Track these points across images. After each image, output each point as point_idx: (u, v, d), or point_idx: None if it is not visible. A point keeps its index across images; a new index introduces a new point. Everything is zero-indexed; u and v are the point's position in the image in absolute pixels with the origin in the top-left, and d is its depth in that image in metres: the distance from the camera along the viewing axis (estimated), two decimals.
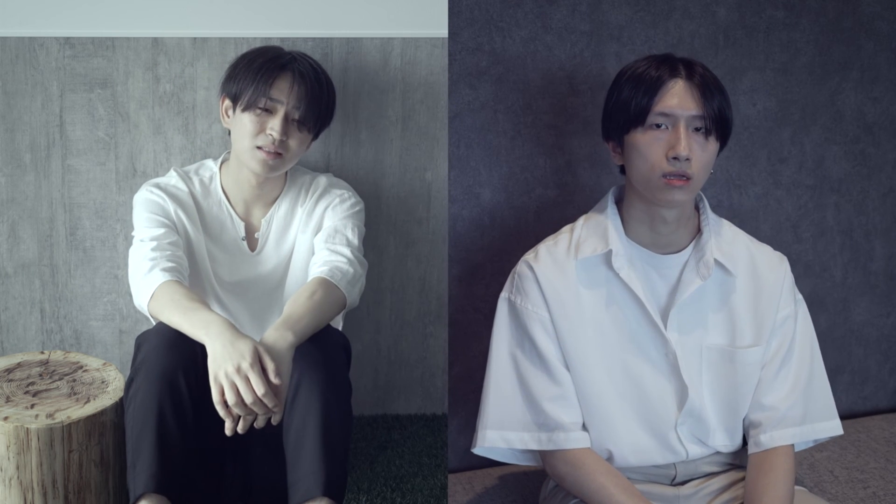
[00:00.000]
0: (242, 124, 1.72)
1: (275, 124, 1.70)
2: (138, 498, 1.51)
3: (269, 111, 1.71)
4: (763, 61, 2.13)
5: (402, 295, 2.13)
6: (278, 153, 1.72)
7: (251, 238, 1.84)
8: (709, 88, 1.50)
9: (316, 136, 1.81)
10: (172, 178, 1.82)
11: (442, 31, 1.91)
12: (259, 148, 1.71)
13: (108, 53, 1.91)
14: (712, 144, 1.51)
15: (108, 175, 1.97)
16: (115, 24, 1.89)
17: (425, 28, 1.96)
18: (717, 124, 1.50)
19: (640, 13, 2.01)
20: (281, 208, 1.84)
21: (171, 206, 1.77)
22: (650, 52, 2.02)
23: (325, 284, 1.67)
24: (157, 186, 1.79)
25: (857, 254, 2.32)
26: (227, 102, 1.76)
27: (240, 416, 1.51)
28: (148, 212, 1.76)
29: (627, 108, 1.52)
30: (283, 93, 1.71)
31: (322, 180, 1.86)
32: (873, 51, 2.22)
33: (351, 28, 1.95)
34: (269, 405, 1.49)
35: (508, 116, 1.98)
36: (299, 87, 1.71)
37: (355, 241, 1.78)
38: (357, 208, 1.84)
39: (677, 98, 1.49)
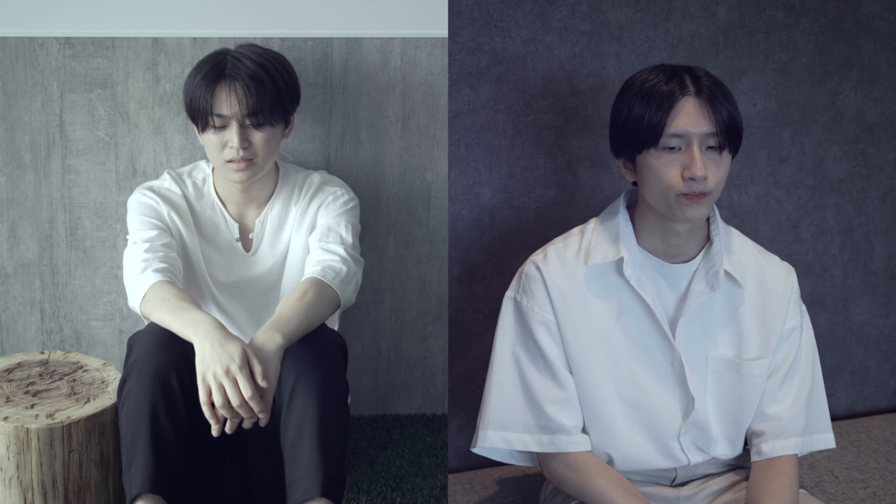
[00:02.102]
0: (207, 143, 1.73)
1: (231, 137, 1.69)
2: (134, 498, 1.51)
3: (223, 126, 1.70)
4: (763, 61, 2.13)
5: (402, 295, 2.13)
6: (248, 160, 1.71)
7: (245, 239, 1.84)
8: (717, 100, 1.48)
9: (287, 123, 1.79)
10: (166, 181, 1.82)
11: (442, 31, 1.91)
12: (229, 161, 1.71)
13: (108, 53, 1.91)
14: (726, 158, 1.49)
15: (108, 175, 1.97)
16: (115, 24, 1.89)
17: (425, 28, 1.96)
18: (729, 136, 1.48)
19: (640, 13, 2.01)
20: (274, 208, 1.84)
21: (164, 209, 1.77)
22: (650, 52, 2.02)
23: (318, 284, 1.67)
24: (151, 189, 1.79)
25: (857, 254, 2.32)
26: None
27: (226, 419, 1.51)
28: (141, 214, 1.76)
29: (639, 128, 1.49)
30: (226, 104, 1.69)
31: (315, 178, 1.85)
32: (873, 51, 2.22)
33: (351, 28, 1.95)
34: (255, 409, 1.49)
35: (508, 116, 1.98)
36: (239, 93, 1.68)
37: (349, 239, 1.78)
38: (351, 205, 1.83)
39: (689, 117, 1.46)
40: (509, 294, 1.62)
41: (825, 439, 1.65)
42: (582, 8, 1.97)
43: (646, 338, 1.57)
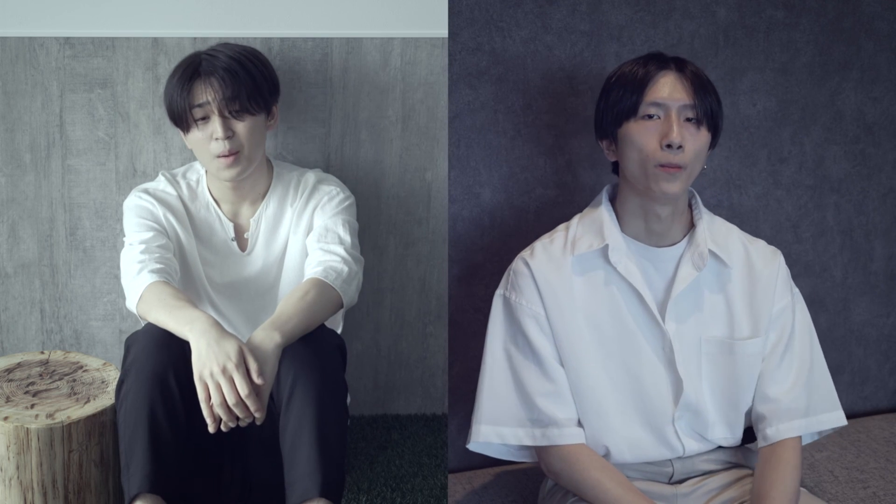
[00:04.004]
0: (194, 142, 1.73)
1: (215, 128, 1.70)
2: (133, 498, 1.51)
3: (204, 119, 1.70)
4: (763, 61, 2.13)
5: (402, 295, 2.13)
6: (234, 152, 1.71)
7: (241, 238, 1.84)
8: (701, 82, 1.54)
9: (270, 114, 1.79)
10: (161, 183, 1.82)
11: (442, 31, 1.91)
12: (218, 157, 1.71)
13: (108, 53, 1.91)
14: (704, 134, 1.54)
15: (108, 175, 1.97)
16: (115, 24, 1.89)
17: (425, 28, 1.96)
18: (708, 116, 1.53)
19: (640, 13, 2.01)
20: (269, 207, 1.83)
21: (160, 211, 1.77)
22: (649, 52, 2.02)
23: (319, 285, 1.67)
24: (146, 192, 1.79)
25: (857, 254, 2.32)
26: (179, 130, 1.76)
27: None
28: (137, 217, 1.76)
29: (619, 102, 1.55)
30: (203, 96, 1.69)
31: (310, 178, 1.84)
32: (873, 51, 2.22)
33: (351, 28, 1.95)
34: (252, 408, 1.49)
35: (508, 116, 1.98)
36: (215, 85, 1.69)
37: (348, 239, 1.77)
38: (346, 203, 1.82)
39: (668, 88, 1.52)
40: (499, 292, 1.64)
41: (834, 417, 1.64)
42: (582, 8, 1.97)
43: (635, 323, 1.58)
